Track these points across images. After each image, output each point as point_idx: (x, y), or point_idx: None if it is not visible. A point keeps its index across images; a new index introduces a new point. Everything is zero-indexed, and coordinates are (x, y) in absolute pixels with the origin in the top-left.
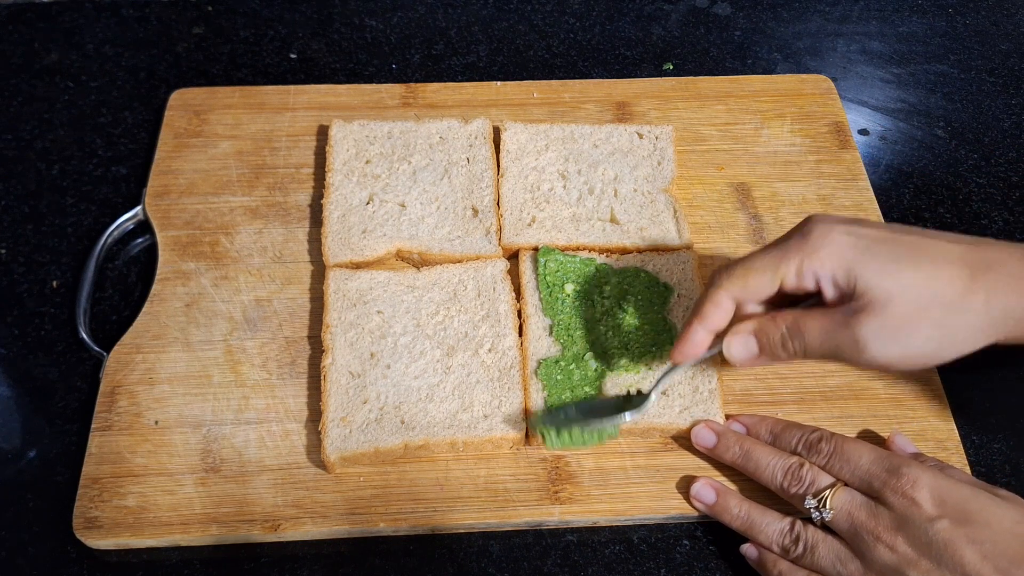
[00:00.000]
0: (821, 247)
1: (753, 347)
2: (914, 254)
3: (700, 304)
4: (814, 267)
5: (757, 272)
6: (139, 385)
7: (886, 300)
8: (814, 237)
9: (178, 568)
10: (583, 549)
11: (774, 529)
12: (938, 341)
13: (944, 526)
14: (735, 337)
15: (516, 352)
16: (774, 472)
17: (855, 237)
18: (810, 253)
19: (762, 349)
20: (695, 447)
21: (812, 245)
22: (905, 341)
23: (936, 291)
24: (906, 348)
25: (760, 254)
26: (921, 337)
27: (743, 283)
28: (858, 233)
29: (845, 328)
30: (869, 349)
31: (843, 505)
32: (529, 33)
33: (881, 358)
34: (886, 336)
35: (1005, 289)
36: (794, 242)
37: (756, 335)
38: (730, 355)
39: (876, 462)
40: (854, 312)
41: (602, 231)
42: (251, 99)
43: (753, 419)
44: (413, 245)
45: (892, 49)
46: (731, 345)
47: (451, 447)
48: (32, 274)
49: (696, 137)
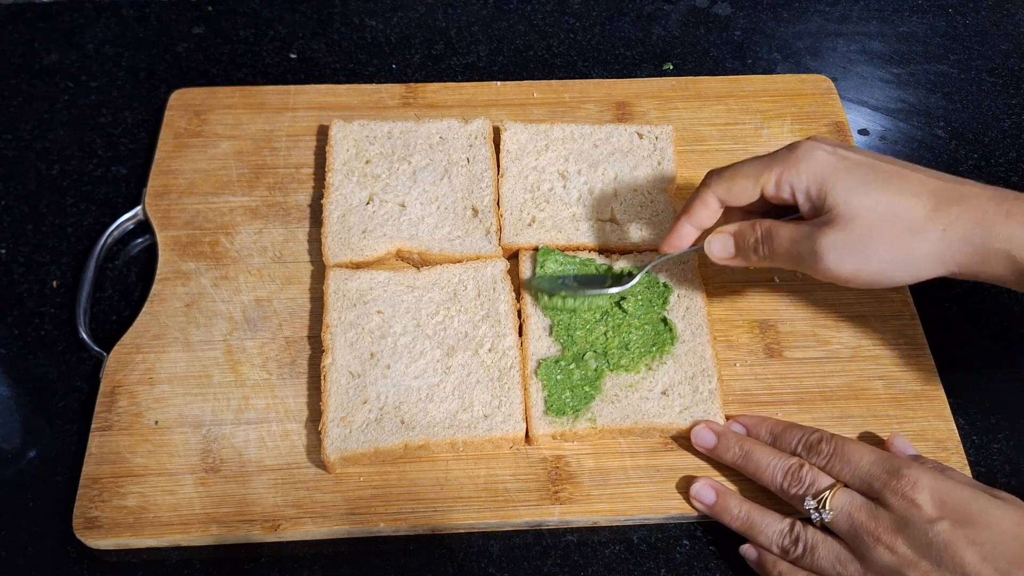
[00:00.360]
0: (802, 160)
1: (730, 247)
2: (886, 179)
3: (689, 201)
4: (791, 179)
5: (742, 177)
6: (139, 385)
7: (850, 216)
8: (799, 152)
9: (178, 568)
10: (583, 549)
11: (774, 530)
12: (891, 261)
13: (944, 527)
14: (716, 236)
15: (516, 352)
16: (774, 473)
17: (836, 157)
18: (791, 166)
19: (738, 250)
20: (695, 448)
21: (795, 158)
22: (861, 257)
23: (898, 213)
24: (861, 264)
25: (749, 161)
26: (876, 255)
27: (728, 185)
28: (840, 154)
29: (808, 238)
30: (825, 259)
31: (843, 506)
32: (529, 33)
33: (836, 269)
34: (843, 250)
35: (967, 220)
36: (781, 154)
37: (735, 236)
38: (710, 251)
39: (876, 463)
40: (819, 225)
41: (602, 231)
42: (251, 99)
43: (753, 420)
44: (413, 245)
45: (892, 49)
46: (712, 242)
47: (451, 447)
48: (32, 274)
49: (696, 137)
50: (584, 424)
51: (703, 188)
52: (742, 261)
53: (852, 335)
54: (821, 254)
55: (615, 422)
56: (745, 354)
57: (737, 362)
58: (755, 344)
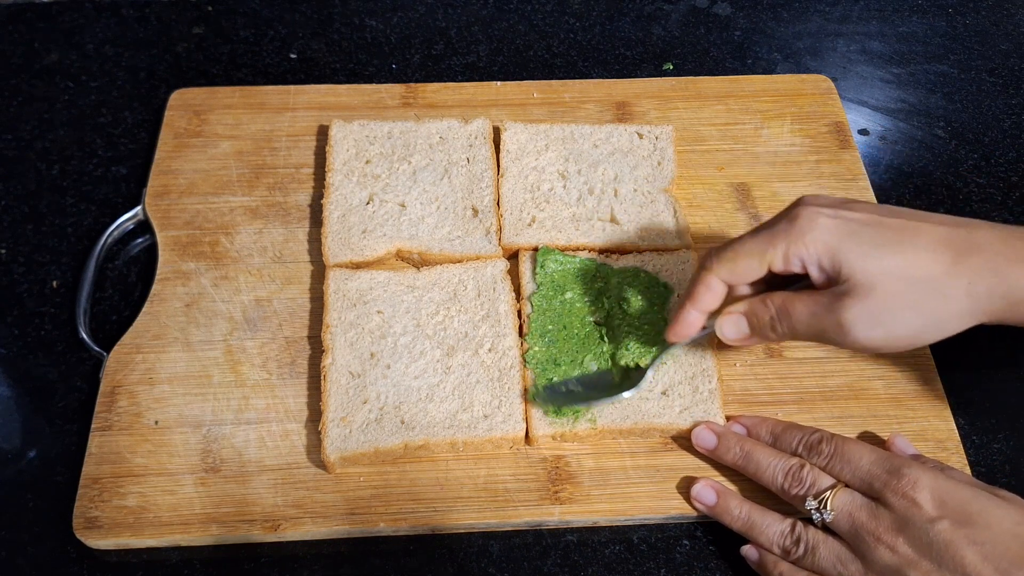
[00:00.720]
0: (807, 232)
1: (744, 327)
2: (898, 238)
3: (692, 286)
4: (800, 252)
5: (745, 256)
6: (139, 385)
7: (869, 285)
8: (800, 222)
9: (178, 568)
10: (583, 549)
11: (775, 530)
12: (921, 324)
13: (945, 527)
14: (727, 318)
15: (516, 352)
16: (775, 473)
17: (841, 221)
18: (796, 238)
19: (752, 329)
20: (696, 449)
21: (798, 230)
22: (888, 324)
23: (918, 275)
24: (889, 331)
25: (749, 238)
26: (903, 320)
27: (732, 267)
28: (844, 217)
29: (830, 312)
30: (853, 332)
31: (844, 506)
32: (529, 33)
33: (865, 341)
34: (869, 320)
35: (988, 271)
36: (782, 227)
37: (747, 316)
38: (722, 335)
39: (877, 463)
40: (839, 296)
41: (602, 231)
42: (251, 99)
43: (754, 420)
44: (413, 245)
45: (892, 49)
46: (723, 326)
47: (451, 447)
48: (32, 274)
49: (696, 137)
50: (584, 425)
51: (704, 272)
52: (757, 340)
53: None
54: (847, 327)
55: (615, 423)
56: (745, 354)
57: (737, 362)
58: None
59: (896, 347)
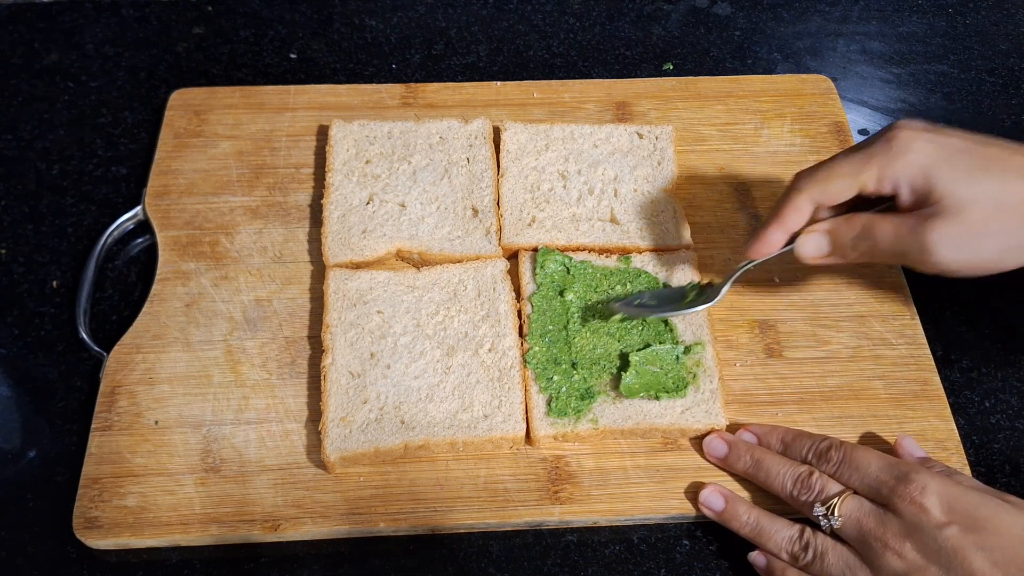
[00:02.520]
0: (904, 153)
1: (825, 246)
2: (991, 165)
3: (781, 206)
4: (895, 173)
5: (840, 177)
6: (139, 385)
7: (959, 207)
8: (898, 143)
9: (178, 568)
10: (583, 549)
11: (783, 536)
12: (1004, 249)
13: (953, 533)
14: (809, 236)
15: (516, 352)
16: (784, 481)
17: (937, 145)
18: (892, 159)
19: (834, 248)
20: (706, 458)
21: (895, 151)
22: (973, 247)
23: (1007, 200)
24: (973, 254)
25: (843, 158)
26: (989, 244)
27: (824, 187)
28: (941, 142)
29: (916, 233)
30: (937, 253)
31: (851, 512)
32: (529, 33)
33: (948, 263)
34: (956, 241)
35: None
36: (879, 147)
37: (831, 234)
38: (802, 253)
39: (885, 469)
40: (927, 217)
41: (602, 231)
42: (251, 99)
43: (764, 428)
44: (413, 245)
45: (892, 49)
46: (805, 244)
47: (451, 447)
48: (32, 274)
49: (696, 137)
50: (586, 425)
51: (794, 193)
52: (837, 259)
53: (852, 335)
54: (932, 248)
55: (617, 423)
56: (745, 354)
57: (737, 362)
58: (755, 344)
59: (974, 270)
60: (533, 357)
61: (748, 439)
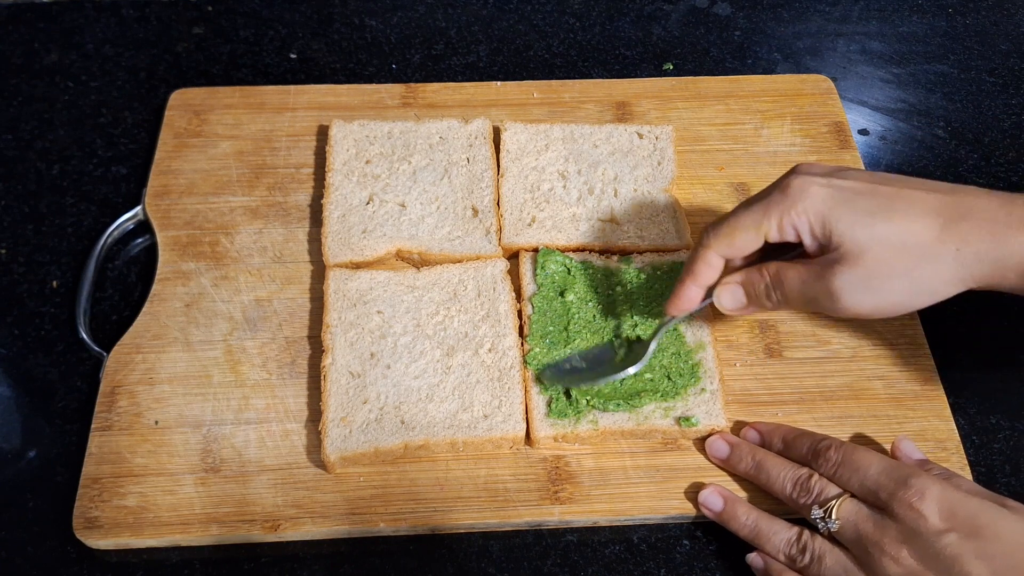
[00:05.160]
0: (799, 200)
1: (741, 297)
2: (888, 205)
3: (691, 262)
4: (792, 221)
5: (743, 230)
6: (139, 385)
7: (859, 252)
8: (792, 191)
9: (178, 568)
10: (583, 549)
11: (781, 539)
12: (909, 291)
13: (952, 540)
14: (724, 288)
15: (516, 352)
16: (784, 483)
17: (833, 189)
18: (789, 208)
19: (749, 299)
20: (709, 458)
21: (791, 199)
22: (877, 291)
23: (907, 242)
24: (879, 298)
25: (743, 212)
26: (893, 287)
27: (729, 241)
28: (836, 185)
29: (821, 279)
30: (843, 299)
31: (849, 516)
32: (529, 33)
33: (855, 307)
34: (859, 287)
35: (978, 236)
36: (775, 197)
37: (743, 286)
38: (721, 305)
39: (884, 472)
40: (830, 264)
41: (602, 231)
42: (251, 99)
43: (768, 426)
44: (413, 245)
45: (892, 49)
46: (721, 296)
47: (451, 447)
48: (32, 274)
49: (696, 137)
50: (586, 426)
51: (703, 249)
52: (755, 309)
53: (852, 335)
54: (837, 295)
55: (617, 424)
56: (745, 354)
57: (737, 362)
58: (755, 344)
59: (885, 313)
60: (534, 358)
61: (752, 437)
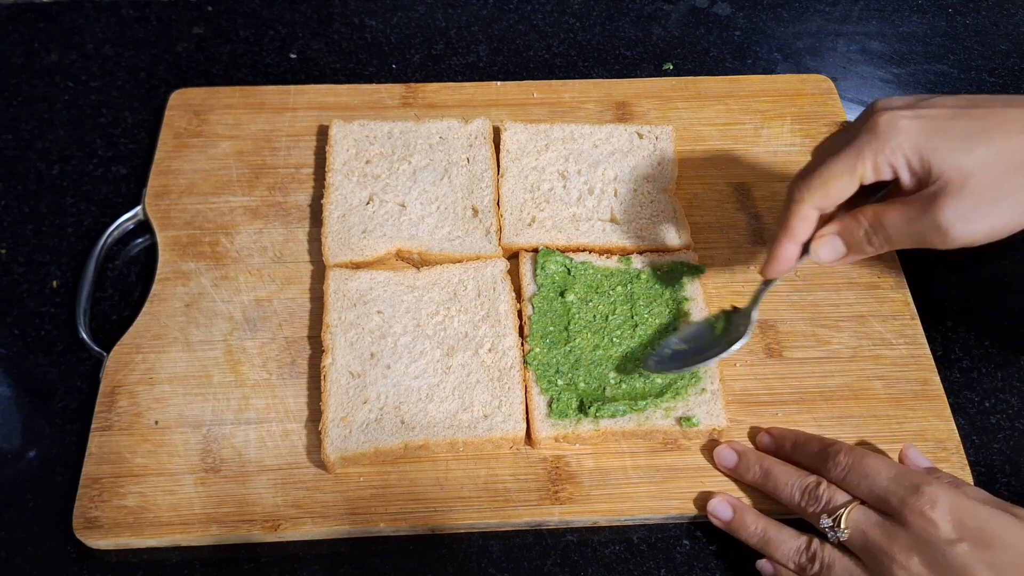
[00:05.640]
0: (891, 137)
1: (840, 247)
2: (984, 127)
3: (786, 220)
4: (888, 159)
5: (836, 178)
6: (139, 385)
7: (962, 179)
8: (881, 128)
9: (178, 568)
10: (583, 549)
11: (790, 547)
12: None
13: (963, 549)
14: (821, 240)
15: (516, 352)
16: (792, 491)
17: (923, 120)
18: (881, 146)
19: (849, 248)
20: (716, 467)
21: (882, 138)
22: (989, 216)
23: (1011, 161)
24: (991, 222)
25: (832, 159)
26: (1004, 209)
27: (824, 191)
28: (925, 115)
29: (927, 214)
30: (953, 231)
31: (858, 524)
32: (529, 33)
33: (967, 237)
34: (968, 215)
35: None
36: (864, 138)
37: (841, 235)
38: (819, 258)
39: (894, 479)
40: (933, 197)
41: (602, 231)
42: (251, 99)
43: (781, 431)
44: (413, 245)
45: (892, 49)
46: (819, 250)
47: (451, 447)
48: (32, 274)
49: (696, 137)
50: (587, 426)
51: (797, 204)
52: (856, 256)
53: (852, 335)
54: (947, 227)
55: (619, 424)
56: (745, 354)
57: (737, 362)
58: (755, 344)
59: (999, 236)
60: (534, 359)
61: (765, 441)
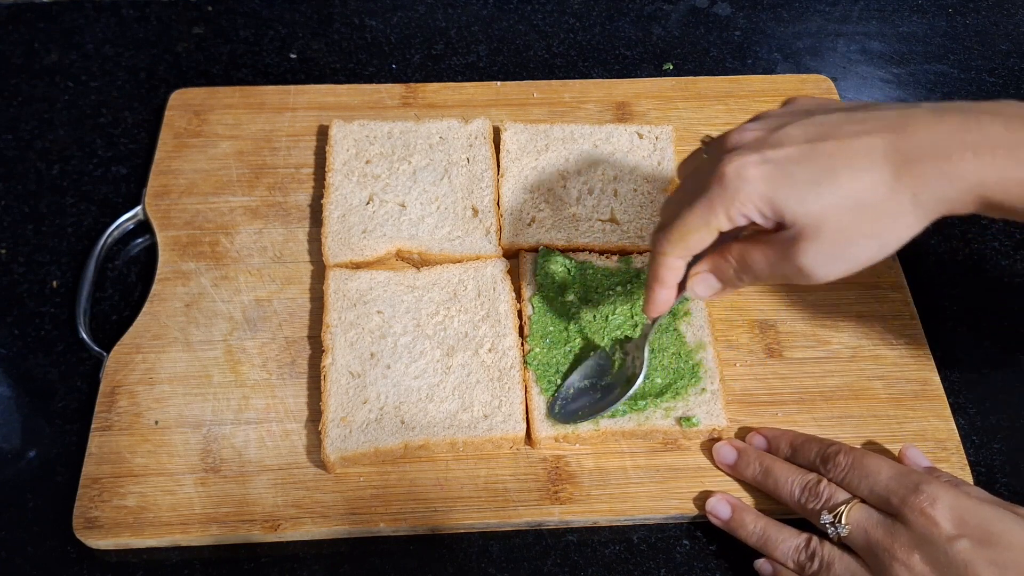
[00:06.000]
0: (740, 188)
1: (714, 283)
2: (830, 166)
3: (654, 270)
4: (740, 210)
5: (694, 232)
6: (139, 385)
7: (815, 226)
8: (729, 180)
9: (178, 568)
10: (583, 549)
11: (790, 546)
12: (877, 246)
13: (964, 547)
14: (696, 279)
15: (516, 352)
16: (792, 488)
17: (769, 166)
18: (731, 199)
19: (723, 283)
20: (716, 464)
21: (730, 189)
22: (847, 257)
23: (861, 202)
24: (849, 263)
25: (688, 212)
26: (860, 250)
27: (684, 244)
28: (771, 159)
29: (786, 259)
30: (815, 273)
31: (859, 522)
32: (529, 33)
33: (827, 278)
34: (827, 258)
35: (932, 177)
36: (715, 191)
37: (714, 272)
38: (696, 295)
39: (894, 478)
40: (792, 241)
41: (602, 231)
42: (251, 99)
43: (774, 432)
44: (413, 245)
45: (892, 49)
46: (695, 287)
47: (451, 447)
48: (32, 274)
49: (696, 137)
50: (586, 426)
51: (660, 256)
52: (731, 290)
53: (852, 335)
54: (808, 271)
55: (618, 424)
56: (745, 354)
57: (737, 362)
58: (755, 344)
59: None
60: (534, 359)
61: (758, 442)
